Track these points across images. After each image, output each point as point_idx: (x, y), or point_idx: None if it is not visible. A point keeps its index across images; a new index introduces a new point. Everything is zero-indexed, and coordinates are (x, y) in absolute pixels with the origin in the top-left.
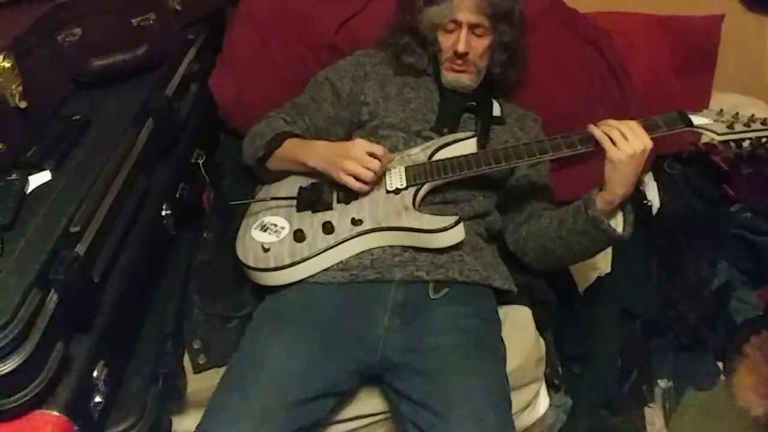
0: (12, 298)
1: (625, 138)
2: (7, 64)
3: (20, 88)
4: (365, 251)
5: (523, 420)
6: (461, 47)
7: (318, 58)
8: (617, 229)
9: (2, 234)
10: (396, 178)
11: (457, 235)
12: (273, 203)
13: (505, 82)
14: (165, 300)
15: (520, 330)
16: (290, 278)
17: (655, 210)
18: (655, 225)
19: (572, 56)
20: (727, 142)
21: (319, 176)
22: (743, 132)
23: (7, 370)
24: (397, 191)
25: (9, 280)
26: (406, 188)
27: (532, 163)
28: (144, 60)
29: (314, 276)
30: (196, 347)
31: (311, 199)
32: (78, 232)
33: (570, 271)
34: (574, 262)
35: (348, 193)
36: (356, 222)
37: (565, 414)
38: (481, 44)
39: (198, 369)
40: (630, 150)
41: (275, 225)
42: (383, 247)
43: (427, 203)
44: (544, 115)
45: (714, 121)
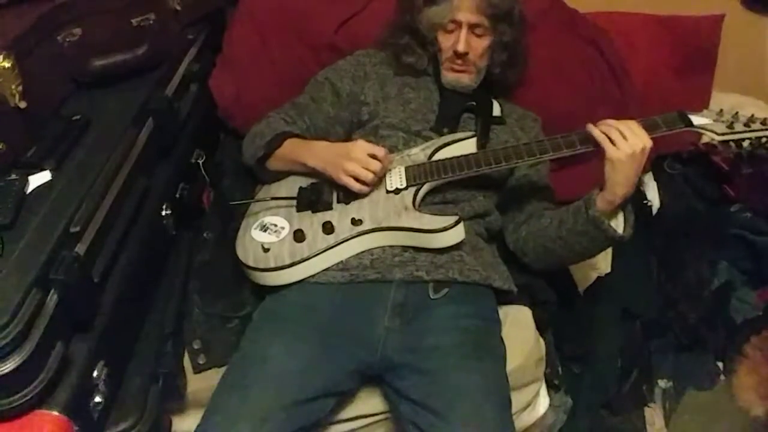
0: (12, 298)
1: (625, 138)
2: (7, 64)
3: (20, 88)
4: (365, 251)
5: (523, 420)
6: (461, 47)
7: (318, 58)
8: (618, 230)
9: (2, 234)
10: (396, 178)
11: (457, 235)
12: (273, 203)
13: (505, 82)
14: (165, 300)
15: (520, 330)
16: (290, 278)
17: (655, 210)
18: (655, 225)
19: (572, 56)
20: (727, 142)
21: (319, 176)
22: (743, 132)
23: (7, 370)
24: (397, 191)
25: (9, 280)
26: (406, 188)
27: (532, 163)
28: (144, 60)
29: (314, 276)
30: (196, 347)
31: (311, 199)
32: (78, 232)
33: (570, 271)
34: (575, 262)
35: (348, 194)
36: (356, 222)
37: (565, 414)
38: (481, 44)
39: (198, 369)
40: (629, 150)
41: (275, 225)
42: (383, 247)
43: (427, 203)
44: (544, 115)
45: (714, 121)
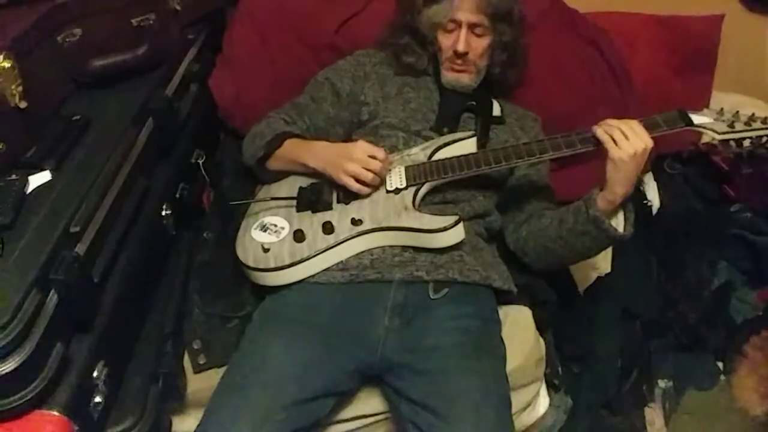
0: (12, 298)
1: (626, 137)
2: (7, 64)
3: (20, 88)
4: (365, 251)
5: (523, 420)
6: (461, 47)
7: (318, 58)
8: (618, 229)
9: (2, 234)
10: (396, 178)
11: (457, 235)
12: (273, 203)
13: (505, 82)
14: (165, 300)
15: (520, 330)
16: (290, 278)
17: (655, 210)
18: (655, 225)
19: (572, 56)
20: (728, 142)
21: (319, 176)
22: (744, 131)
23: (7, 370)
24: (397, 191)
25: (9, 280)
26: (406, 188)
27: (532, 163)
28: (144, 60)
29: (314, 276)
30: (196, 347)
31: (311, 199)
32: (78, 232)
33: (570, 271)
34: (575, 262)
35: (348, 194)
36: (356, 222)
37: (565, 414)
38: (481, 44)
39: (198, 369)
40: (631, 149)
41: (275, 225)
42: (383, 247)
43: (427, 203)
44: (544, 115)
45: (714, 120)
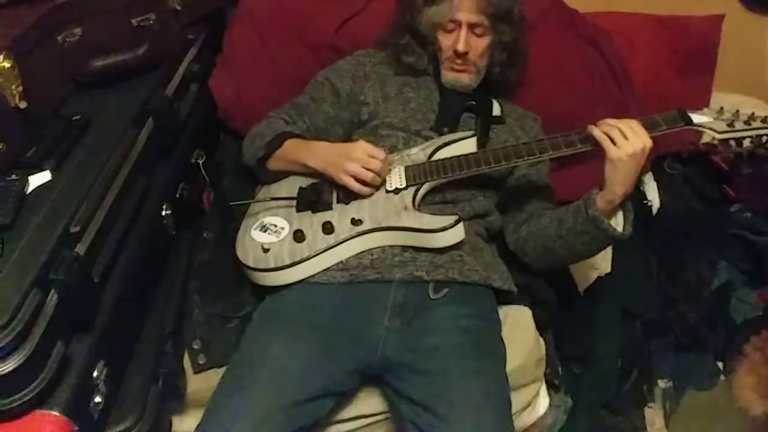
0: (12, 298)
1: (625, 137)
2: (7, 64)
3: (20, 88)
4: (365, 251)
5: (523, 420)
6: (461, 47)
7: (318, 58)
8: (617, 229)
9: (2, 234)
10: (396, 178)
11: (457, 235)
12: (273, 203)
13: (505, 82)
14: (165, 300)
15: (520, 330)
16: (290, 278)
17: (655, 210)
18: (655, 225)
19: (572, 56)
20: (728, 141)
21: (319, 176)
22: (743, 130)
23: (7, 370)
24: (397, 191)
25: (9, 280)
26: (406, 188)
27: (532, 163)
28: (144, 60)
29: (314, 276)
30: (196, 347)
31: (311, 200)
32: (78, 232)
33: (570, 271)
34: (575, 262)
35: (348, 194)
36: (356, 222)
37: (565, 414)
38: (481, 44)
39: (198, 369)
40: (630, 149)
41: (275, 225)
42: (383, 247)
43: (427, 203)
44: (544, 115)
45: (714, 120)
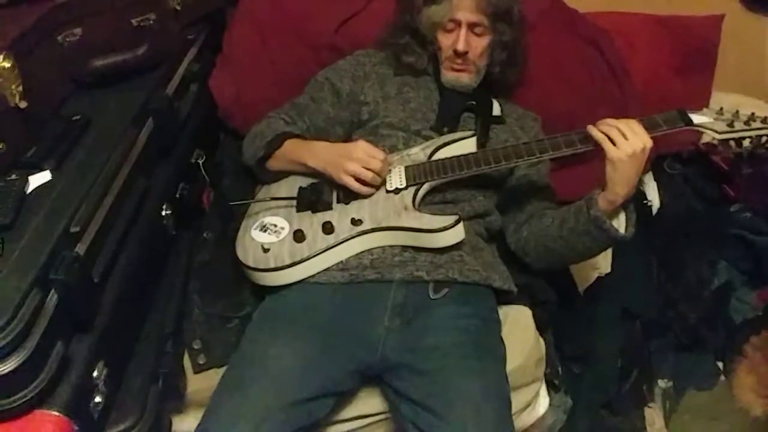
0: (12, 298)
1: (625, 137)
2: (7, 64)
3: (20, 88)
4: (365, 251)
5: (523, 420)
6: (461, 46)
7: (318, 58)
8: (620, 229)
9: (2, 234)
10: (396, 178)
11: (457, 235)
12: (273, 203)
13: (505, 82)
14: (165, 300)
15: (520, 330)
16: (290, 278)
17: (655, 210)
18: (655, 225)
19: (572, 56)
20: (727, 141)
21: (319, 176)
22: (743, 130)
23: (7, 370)
24: (397, 191)
25: (9, 280)
26: (406, 188)
27: (532, 163)
28: (144, 60)
29: (314, 276)
30: (196, 347)
31: (311, 199)
32: (78, 232)
33: (570, 271)
34: (576, 262)
35: (348, 194)
36: (356, 222)
37: (565, 414)
38: (481, 43)
39: (198, 369)
40: (630, 149)
41: (275, 225)
42: (383, 247)
43: (427, 203)
44: (544, 115)
45: (714, 120)
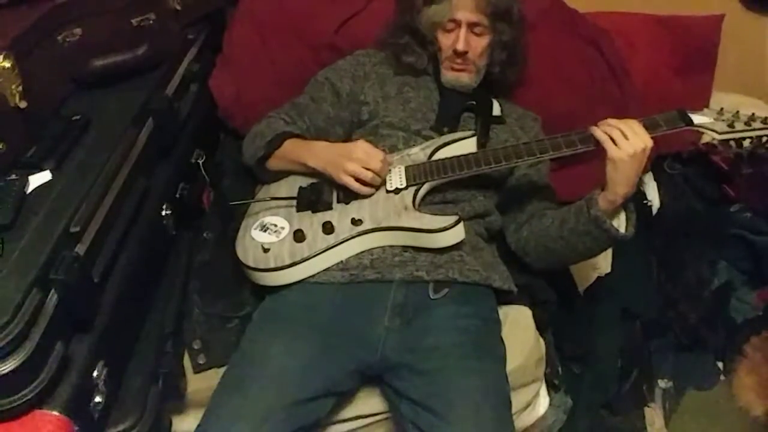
0: (12, 298)
1: (626, 137)
2: (7, 64)
3: (20, 88)
4: (365, 251)
5: (523, 420)
6: (460, 46)
7: (318, 58)
8: (620, 229)
9: (2, 234)
10: (396, 178)
11: (457, 235)
12: (273, 203)
13: (505, 82)
14: (165, 300)
15: (520, 330)
16: (290, 278)
17: (655, 210)
18: (655, 225)
19: (572, 56)
20: (728, 141)
21: (319, 176)
22: (744, 131)
23: (7, 370)
24: (397, 191)
25: (9, 280)
26: (406, 188)
27: (532, 163)
28: (144, 60)
29: (314, 276)
30: (196, 347)
31: (311, 199)
32: (78, 232)
33: (570, 271)
34: (576, 262)
35: (348, 193)
36: (356, 222)
37: (565, 414)
38: (481, 43)
39: (198, 369)
40: (630, 149)
41: (275, 225)
42: (383, 247)
43: (427, 203)
44: (544, 115)
45: (714, 120)
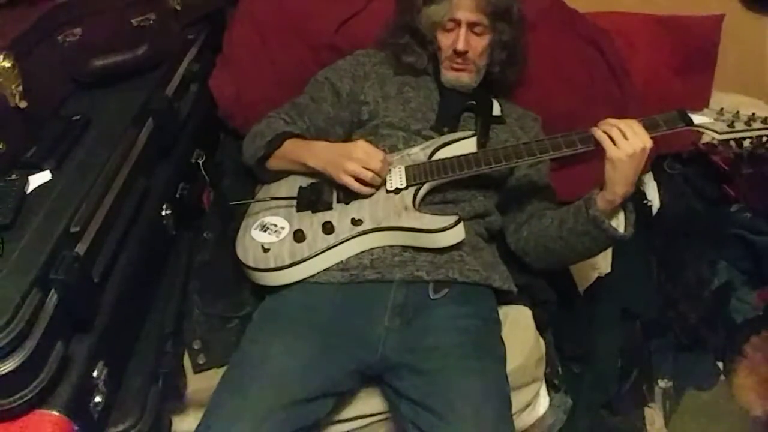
0: (12, 298)
1: (625, 137)
2: (7, 64)
3: (20, 88)
4: (365, 251)
5: (523, 420)
6: (460, 45)
7: (318, 58)
8: (619, 229)
9: (2, 234)
10: (396, 178)
11: (457, 235)
12: (273, 203)
13: (505, 82)
14: (165, 300)
15: (520, 330)
16: (290, 278)
17: (655, 210)
18: (655, 225)
19: (572, 56)
20: (728, 141)
21: (319, 176)
22: (744, 131)
23: (7, 370)
24: (397, 191)
25: (9, 280)
26: (406, 188)
27: (532, 163)
28: (144, 60)
29: (314, 276)
30: (196, 347)
31: (311, 199)
32: (78, 232)
33: (570, 271)
34: (576, 262)
35: (348, 193)
36: (356, 222)
37: (565, 414)
38: (481, 43)
39: (198, 369)
40: (630, 149)
41: (275, 225)
42: (383, 247)
43: (427, 203)
44: (544, 115)
45: (714, 120)
